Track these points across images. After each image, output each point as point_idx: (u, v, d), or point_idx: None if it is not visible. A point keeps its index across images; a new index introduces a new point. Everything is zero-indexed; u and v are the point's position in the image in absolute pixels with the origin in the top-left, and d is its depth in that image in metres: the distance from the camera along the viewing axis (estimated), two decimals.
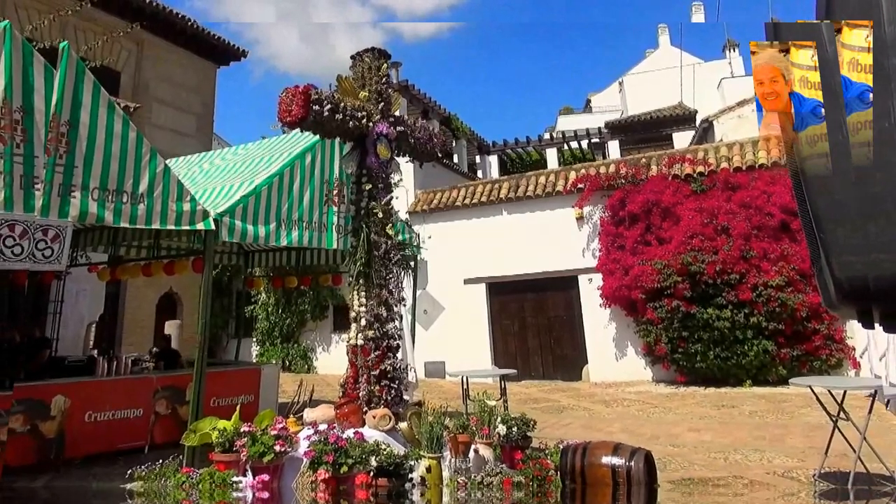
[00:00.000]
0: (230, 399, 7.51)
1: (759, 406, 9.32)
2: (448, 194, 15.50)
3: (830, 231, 1.10)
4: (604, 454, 4.64)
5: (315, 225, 7.17)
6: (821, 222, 1.12)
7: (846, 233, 1.08)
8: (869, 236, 1.05)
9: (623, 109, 27.40)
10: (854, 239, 1.07)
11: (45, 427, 6.08)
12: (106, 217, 5.32)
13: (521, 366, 13.75)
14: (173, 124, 15.64)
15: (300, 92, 5.18)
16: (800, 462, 5.87)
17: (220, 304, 16.98)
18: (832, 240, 1.10)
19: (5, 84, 4.75)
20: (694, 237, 11.50)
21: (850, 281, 1.07)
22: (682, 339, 11.46)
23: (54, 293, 10.29)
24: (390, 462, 4.64)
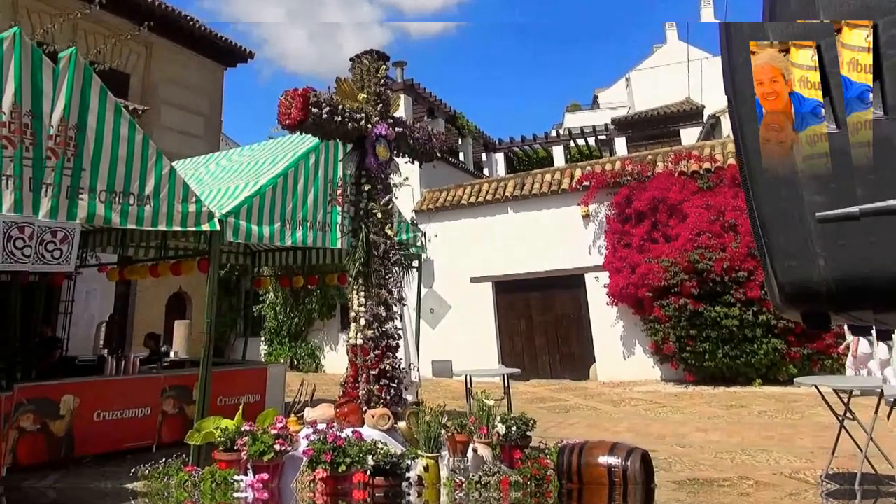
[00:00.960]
0: (236, 398, 7.56)
1: (768, 406, 9.25)
2: (454, 193, 15.52)
3: (774, 236, 1.12)
4: (600, 454, 4.64)
5: (319, 225, 7.23)
6: (765, 227, 1.14)
7: (788, 238, 1.10)
8: (809, 241, 1.07)
9: (630, 105, 27.23)
10: (795, 244, 1.09)
11: (54, 426, 6.18)
12: (113, 219, 5.43)
13: (528, 365, 13.75)
14: (182, 126, 15.78)
15: (299, 95, 5.24)
16: (808, 462, 5.82)
17: (229, 303, 17.10)
18: (775, 245, 1.12)
19: (15, 88, 4.86)
20: (701, 234, 11.44)
21: (791, 285, 1.09)
22: (690, 338, 11.40)
23: (65, 293, 10.44)
24: (387, 461, 4.67)
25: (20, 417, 5.92)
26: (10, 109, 4.82)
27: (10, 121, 4.82)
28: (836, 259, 1.05)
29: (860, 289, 1.04)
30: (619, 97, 30.05)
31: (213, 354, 6.14)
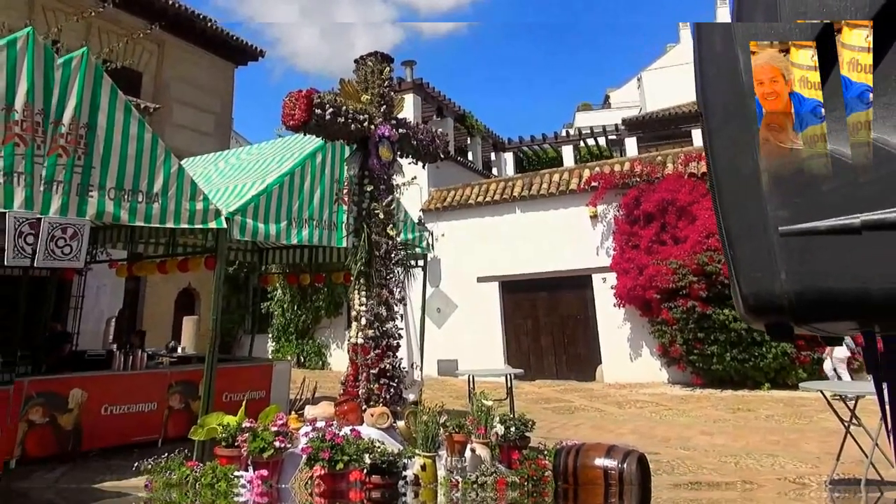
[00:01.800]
0: (241, 394, 7.60)
1: (776, 410, 9.19)
2: (461, 192, 15.52)
3: (739, 248, 1.14)
4: (597, 456, 4.65)
5: (325, 223, 7.29)
6: (731, 239, 1.15)
7: (752, 249, 1.11)
8: (771, 254, 1.09)
9: (642, 106, 27.08)
10: (759, 255, 1.10)
11: (63, 419, 6.27)
12: (122, 216, 5.51)
13: (534, 365, 13.75)
14: (193, 124, 15.91)
15: (303, 96, 5.28)
16: (813, 468, 5.79)
17: (237, 300, 17.22)
18: (740, 255, 1.13)
19: (28, 87, 4.95)
20: (710, 236, 11.36)
21: (754, 296, 1.11)
22: (697, 341, 11.34)
23: (75, 289, 10.57)
24: (384, 460, 4.70)
25: (29, 410, 6.02)
26: (22, 108, 4.92)
27: (23, 119, 4.92)
28: (797, 273, 1.06)
29: (820, 302, 1.06)
30: (630, 97, 29.90)
31: (220, 351, 6.22)
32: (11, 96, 4.88)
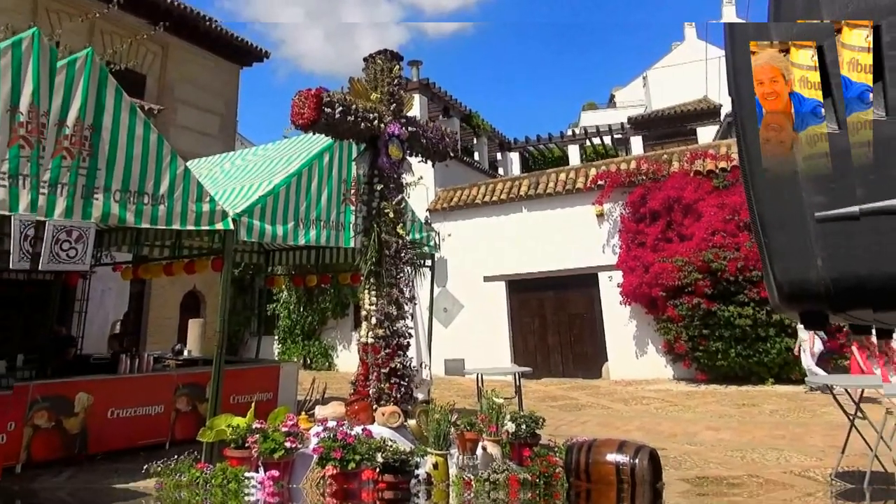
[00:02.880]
0: (249, 396, 7.60)
1: (780, 405, 9.20)
2: (468, 192, 15.51)
3: (773, 236, 1.12)
4: (609, 452, 4.63)
5: (333, 224, 7.26)
6: (765, 227, 1.14)
7: (787, 238, 1.09)
8: (808, 241, 1.07)
9: (647, 104, 27.01)
10: (794, 244, 1.08)
11: (69, 423, 6.26)
12: (128, 218, 5.48)
13: (540, 363, 13.73)
14: (197, 125, 15.88)
15: (312, 95, 5.25)
16: (818, 461, 5.81)
17: (243, 301, 17.22)
18: (774, 244, 1.12)
19: (33, 89, 4.90)
20: (716, 234, 11.36)
21: (789, 284, 1.09)
22: (702, 337, 11.34)
23: (80, 292, 10.55)
24: (396, 458, 4.69)
25: (35, 414, 6.00)
26: (27, 110, 4.86)
27: (28, 121, 4.86)
28: (834, 259, 1.04)
29: (858, 289, 1.04)
30: (636, 96, 29.80)
31: (226, 353, 6.19)
32: (17, 98, 4.83)
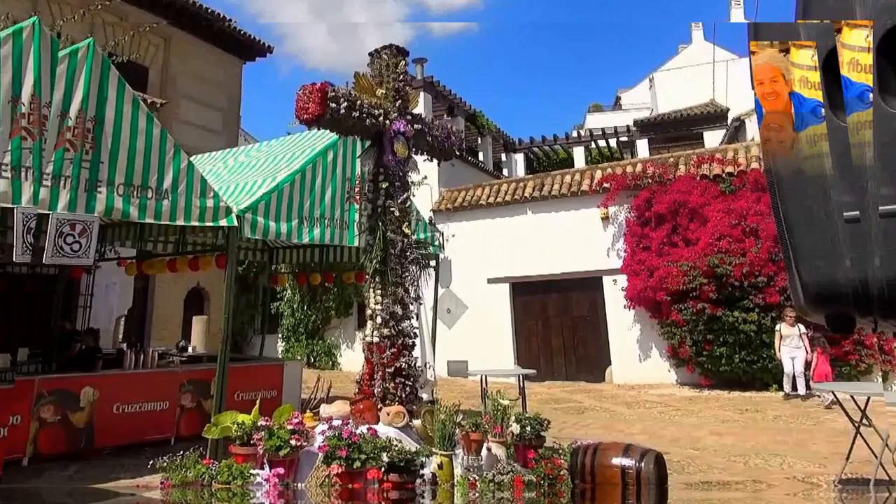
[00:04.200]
0: (253, 394, 7.61)
1: (783, 411, 9.18)
2: (472, 193, 15.48)
3: (800, 236, 1.10)
4: (614, 455, 4.61)
5: (337, 222, 7.24)
6: (791, 228, 1.11)
7: (815, 238, 1.07)
8: (835, 241, 1.05)
9: (653, 107, 26.91)
10: (822, 244, 1.06)
11: (74, 417, 6.28)
12: (131, 212, 5.44)
13: (544, 366, 13.69)
14: (200, 120, 15.79)
15: (317, 89, 5.21)
16: (821, 468, 5.80)
17: (247, 299, 17.21)
18: (801, 245, 1.09)
19: (34, 80, 4.84)
20: (721, 239, 11.32)
21: (816, 285, 1.07)
22: (707, 342, 11.30)
23: (84, 287, 10.55)
24: (401, 458, 4.67)
25: (41, 408, 6.02)
26: (29, 101, 4.81)
27: (30, 112, 4.81)
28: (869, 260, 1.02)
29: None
30: (642, 98, 29.70)
31: (230, 350, 6.18)
32: (18, 88, 4.77)
